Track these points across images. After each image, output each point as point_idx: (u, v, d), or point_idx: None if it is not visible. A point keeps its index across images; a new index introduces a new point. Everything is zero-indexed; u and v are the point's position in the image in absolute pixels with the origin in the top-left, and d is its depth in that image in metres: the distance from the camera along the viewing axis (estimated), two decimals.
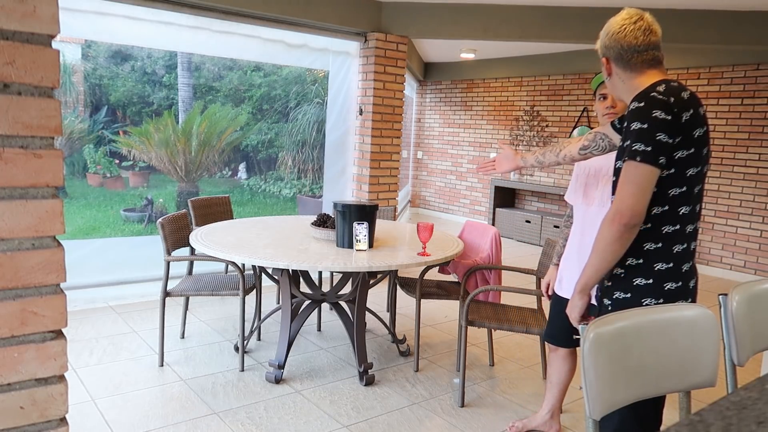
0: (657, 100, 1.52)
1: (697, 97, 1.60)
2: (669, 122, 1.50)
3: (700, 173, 1.59)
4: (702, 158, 1.57)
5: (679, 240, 1.59)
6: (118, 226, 8.63)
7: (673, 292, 1.60)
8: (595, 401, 1.25)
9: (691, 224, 1.62)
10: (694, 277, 1.66)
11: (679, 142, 1.52)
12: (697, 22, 4.85)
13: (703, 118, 1.58)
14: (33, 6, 0.80)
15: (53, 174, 0.85)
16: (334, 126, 5.42)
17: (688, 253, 1.62)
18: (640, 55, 1.65)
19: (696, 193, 1.61)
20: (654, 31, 1.67)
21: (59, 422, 0.89)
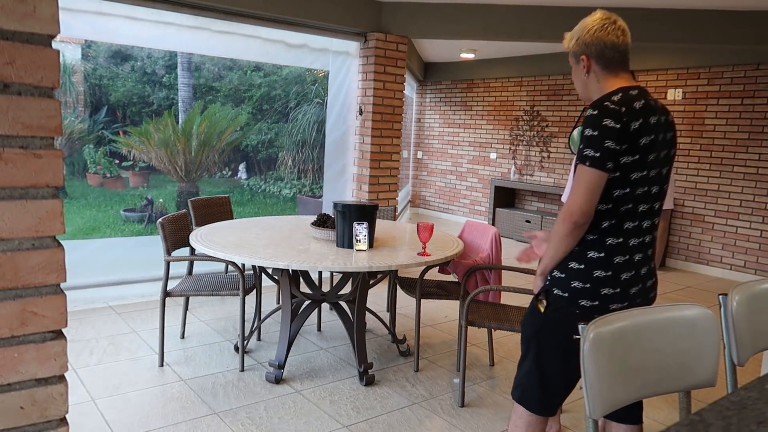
0: (609, 109, 1.63)
1: (653, 106, 1.70)
2: (618, 130, 1.61)
3: (645, 177, 1.69)
4: (648, 163, 1.68)
5: (613, 232, 1.71)
6: (118, 226, 8.63)
7: (597, 280, 1.72)
8: (595, 401, 1.25)
9: (630, 220, 1.71)
10: (628, 272, 1.74)
11: (626, 149, 1.63)
12: (697, 22, 4.85)
13: (655, 127, 1.67)
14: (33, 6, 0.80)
15: (53, 174, 0.85)
16: (334, 126, 5.42)
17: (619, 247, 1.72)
18: (620, 55, 1.74)
19: (640, 194, 1.70)
20: (628, 35, 1.76)
21: (59, 422, 0.89)
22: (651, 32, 4.97)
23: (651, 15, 4.91)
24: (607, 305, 1.73)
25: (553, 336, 1.82)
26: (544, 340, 1.85)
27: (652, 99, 1.73)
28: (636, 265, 1.75)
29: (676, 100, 6.47)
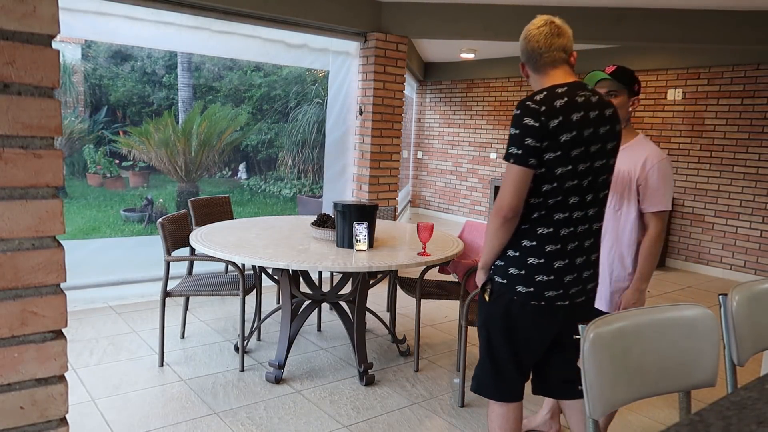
0: (529, 108, 1.73)
1: (579, 103, 1.75)
2: (536, 128, 1.70)
3: (573, 171, 1.76)
4: (573, 159, 1.74)
5: (552, 240, 1.80)
6: (118, 226, 8.63)
7: (540, 284, 1.81)
8: (595, 401, 1.25)
9: (566, 227, 1.80)
10: (570, 275, 1.83)
11: (547, 146, 1.72)
12: (697, 22, 4.85)
13: (578, 123, 1.73)
14: (33, 6, 0.80)
15: (53, 174, 0.85)
16: (334, 126, 5.42)
17: (561, 253, 1.81)
18: (542, 58, 1.85)
19: (569, 187, 1.77)
20: (559, 34, 1.86)
21: (59, 422, 0.89)
22: (651, 32, 4.97)
23: (651, 15, 4.91)
24: (542, 292, 1.82)
25: (498, 322, 1.90)
26: (491, 327, 1.93)
27: (586, 95, 1.78)
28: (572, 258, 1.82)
29: (676, 100, 6.47)
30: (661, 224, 2.17)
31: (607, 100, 1.86)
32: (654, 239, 2.17)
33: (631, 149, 2.22)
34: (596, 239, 1.90)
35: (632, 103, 2.23)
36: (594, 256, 1.90)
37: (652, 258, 2.18)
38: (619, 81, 2.20)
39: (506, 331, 1.89)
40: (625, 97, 2.20)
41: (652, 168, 2.14)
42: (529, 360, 1.96)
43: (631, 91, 2.21)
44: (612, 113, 1.83)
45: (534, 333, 1.90)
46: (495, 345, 1.94)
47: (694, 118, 6.35)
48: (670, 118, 6.53)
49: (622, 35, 5.04)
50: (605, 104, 1.83)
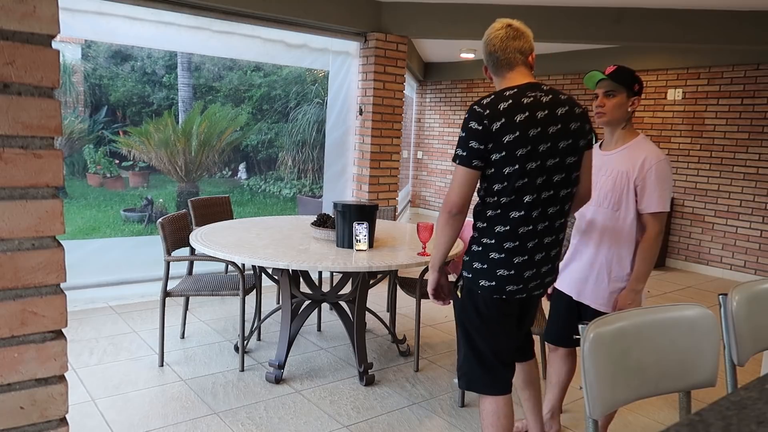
0: (475, 112, 1.81)
1: (522, 105, 1.80)
2: (478, 132, 1.79)
3: (520, 170, 1.81)
4: (518, 158, 1.79)
5: (510, 237, 1.86)
6: (118, 226, 8.63)
7: (501, 278, 1.89)
8: (595, 401, 1.25)
9: (524, 225, 1.86)
10: (530, 270, 1.90)
11: (492, 147, 1.79)
12: (697, 22, 4.85)
13: (522, 124, 1.79)
14: (33, 6, 0.80)
15: (53, 174, 0.85)
16: (334, 126, 5.42)
17: (521, 250, 1.87)
18: (499, 61, 1.92)
19: (520, 186, 1.82)
20: (516, 37, 1.92)
21: (59, 422, 0.89)
22: (651, 32, 4.97)
23: (651, 15, 4.91)
24: (504, 287, 1.89)
25: (471, 315, 1.97)
26: (467, 320, 2.00)
27: (536, 95, 1.83)
28: (532, 254, 1.89)
29: (676, 100, 6.47)
30: (658, 225, 2.16)
31: (566, 100, 1.90)
32: (651, 240, 2.17)
33: (631, 150, 2.21)
34: (557, 236, 1.95)
35: (632, 103, 2.21)
36: (554, 251, 1.96)
37: (649, 259, 2.18)
38: (616, 81, 2.20)
39: (482, 325, 1.96)
40: (624, 97, 2.20)
41: (650, 169, 2.13)
42: (506, 350, 2.01)
43: (631, 91, 2.20)
44: (566, 112, 1.86)
45: (503, 325, 1.97)
46: (474, 338, 1.99)
47: (694, 118, 6.35)
48: (670, 118, 6.53)
49: (622, 35, 5.04)
50: (559, 104, 1.86)
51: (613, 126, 2.27)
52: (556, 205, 1.90)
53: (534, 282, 1.93)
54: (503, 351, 2.00)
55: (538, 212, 1.86)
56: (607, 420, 2.49)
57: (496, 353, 1.98)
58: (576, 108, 1.90)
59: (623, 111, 2.21)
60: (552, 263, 1.97)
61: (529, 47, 1.93)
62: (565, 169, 1.87)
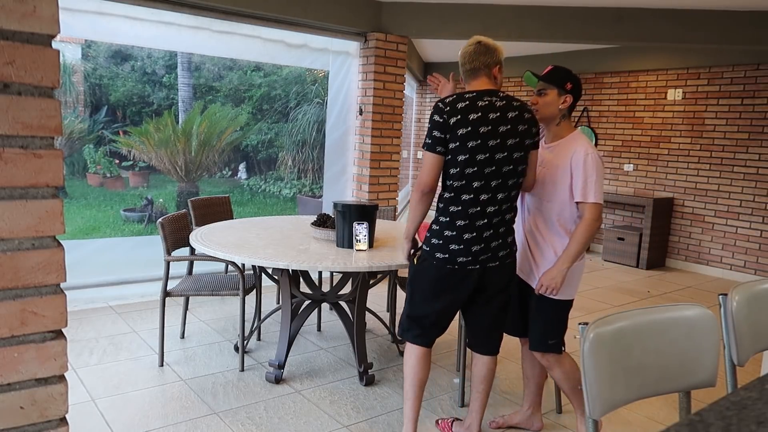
0: (438, 107, 2.19)
1: (477, 106, 2.15)
2: (440, 123, 2.17)
3: (470, 159, 2.15)
4: (470, 149, 2.14)
5: (460, 216, 2.20)
6: (118, 226, 8.63)
7: (453, 251, 2.21)
8: (595, 401, 1.25)
9: (473, 207, 2.18)
10: (478, 245, 2.21)
11: (449, 137, 2.16)
12: (697, 22, 4.85)
13: (475, 121, 2.13)
14: (33, 6, 0.80)
15: (53, 174, 0.85)
16: (334, 126, 5.42)
17: (470, 227, 2.20)
18: (466, 71, 2.29)
19: (470, 173, 2.16)
20: (483, 53, 2.25)
21: (59, 422, 0.89)
22: (651, 32, 4.97)
23: (651, 15, 4.91)
24: (455, 258, 2.22)
25: (421, 281, 2.31)
26: (415, 286, 2.34)
27: (491, 100, 2.17)
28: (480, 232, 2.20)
29: (676, 100, 6.47)
30: (590, 213, 2.26)
31: (517, 106, 2.20)
32: (585, 225, 2.26)
33: (564, 144, 2.34)
34: (503, 217, 2.24)
35: (563, 101, 2.33)
36: (502, 229, 2.25)
37: (578, 241, 2.27)
38: (546, 80, 2.34)
39: (428, 290, 2.30)
40: (554, 95, 2.33)
41: (578, 161, 2.25)
42: (444, 315, 2.34)
43: (563, 89, 2.32)
44: (516, 116, 2.18)
45: (453, 292, 2.28)
46: (416, 300, 2.34)
47: (694, 118, 6.35)
48: (670, 118, 6.53)
49: (622, 35, 5.04)
50: (510, 109, 2.18)
51: (547, 122, 2.40)
52: (505, 192, 2.21)
53: (484, 255, 2.22)
54: (440, 314, 2.33)
55: (488, 197, 2.19)
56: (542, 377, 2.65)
57: (433, 314, 2.32)
58: (526, 113, 2.22)
59: (554, 108, 2.34)
60: (502, 239, 2.25)
61: (494, 61, 2.25)
62: (513, 162, 2.19)
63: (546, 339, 2.40)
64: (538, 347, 2.44)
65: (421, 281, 2.32)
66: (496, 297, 2.34)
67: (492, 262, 2.25)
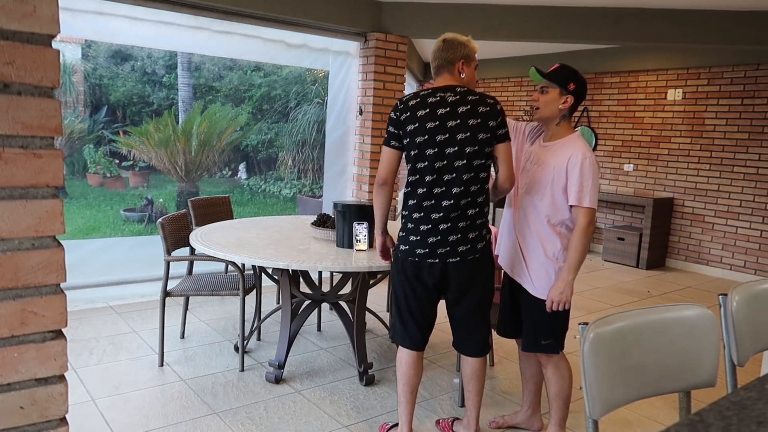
0: (395, 105, 2.29)
1: (427, 102, 2.20)
2: (393, 120, 2.27)
3: (421, 154, 2.21)
4: (418, 144, 2.21)
5: (416, 209, 2.25)
6: (118, 226, 8.63)
7: (412, 243, 2.26)
8: (595, 401, 1.25)
9: (427, 200, 2.22)
10: (434, 237, 2.22)
11: (402, 133, 2.25)
12: (697, 22, 4.85)
13: (423, 117, 2.19)
14: (33, 6, 0.80)
15: (53, 174, 0.85)
16: (334, 126, 5.42)
17: (425, 219, 2.24)
18: (432, 70, 2.33)
19: (421, 167, 2.22)
20: (445, 49, 2.27)
21: (59, 422, 0.89)
22: (651, 32, 4.97)
23: (651, 15, 4.91)
24: (414, 250, 2.26)
25: (399, 275, 2.34)
26: (396, 281, 2.37)
27: (443, 96, 2.20)
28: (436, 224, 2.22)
29: (676, 100, 6.47)
30: (583, 219, 2.22)
31: (472, 100, 2.20)
32: (579, 232, 2.23)
33: (561, 146, 2.30)
34: (464, 212, 2.23)
35: (564, 101, 2.28)
36: (462, 224, 2.23)
37: (576, 250, 2.24)
38: (550, 79, 2.31)
39: (401, 285, 2.33)
40: (556, 95, 2.29)
41: (575, 165, 2.21)
42: (418, 310, 2.34)
43: (565, 89, 2.28)
44: (467, 110, 2.18)
45: (418, 287, 2.30)
46: (398, 297, 2.37)
47: (694, 118, 6.35)
48: (670, 118, 6.53)
49: (622, 35, 5.04)
50: (462, 103, 2.19)
51: (547, 122, 2.36)
52: (461, 186, 2.21)
53: (442, 248, 2.23)
54: (416, 310, 2.34)
55: (441, 190, 2.22)
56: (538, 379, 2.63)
57: (410, 309, 2.34)
58: (481, 107, 2.20)
59: (554, 108, 2.30)
60: (461, 234, 2.24)
61: (457, 56, 2.26)
62: (466, 156, 2.19)
63: (538, 339, 2.38)
64: (530, 347, 2.42)
65: (393, 276, 2.37)
66: (465, 296, 2.33)
67: (452, 257, 2.24)
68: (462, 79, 2.28)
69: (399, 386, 2.43)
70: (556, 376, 2.42)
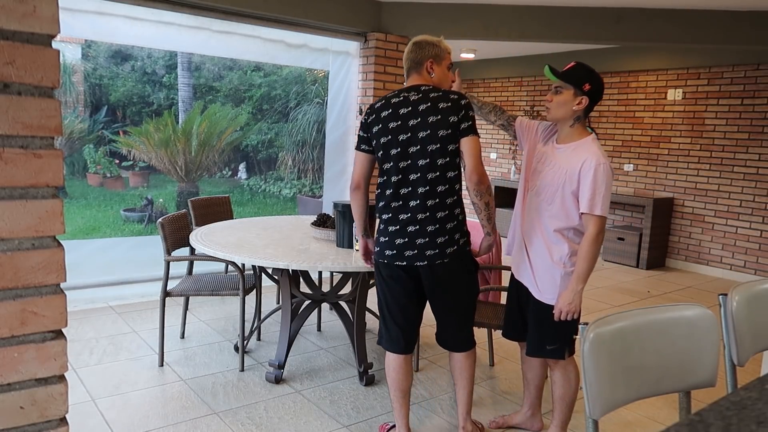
0: (365, 109, 2.31)
1: (390, 103, 2.21)
2: (363, 123, 2.30)
3: (386, 155, 2.22)
4: (381, 145, 2.22)
5: (384, 211, 2.26)
6: (118, 226, 8.63)
7: (382, 244, 2.28)
8: (595, 401, 1.25)
9: (395, 201, 2.22)
10: (402, 239, 2.22)
11: (369, 136, 2.28)
12: (697, 22, 4.85)
13: (386, 118, 2.20)
14: (33, 6, 0.80)
15: (53, 174, 0.85)
16: (334, 126, 5.42)
17: (393, 220, 2.23)
18: (404, 72, 2.33)
19: (387, 168, 2.23)
20: (413, 50, 2.28)
21: (59, 422, 0.89)
22: (651, 32, 4.97)
23: (651, 15, 4.91)
24: (384, 251, 2.27)
25: (378, 278, 2.36)
26: (377, 284, 2.39)
27: (406, 96, 2.19)
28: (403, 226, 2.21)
29: (676, 100, 6.47)
30: (594, 227, 2.15)
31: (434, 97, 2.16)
32: (589, 241, 2.16)
33: (575, 149, 2.22)
34: (432, 214, 2.19)
35: (579, 102, 2.19)
36: (431, 228, 2.19)
37: (585, 259, 2.17)
38: (564, 79, 2.21)
39: (380, 286, 2.36)
40: (570, 95, 2.20)
41: (588, 171, 2.13)
42: (397, 311, 2.34)
43: (579, 90, 2.19)
44: (427, 108, 2.15)
45: (391, 285, 2.30)
46: (379, 299, 2.39)
47: (694, 118, 6.34)
48: (670, 118, 6.53)
49: (622, 35, 5.04)
50: (424, 101, 2.17)
51: (560, 122, 2.27)
52: (426, 186, 2.18)
53: (410, 251, 2.21)
54: (394, 310, 2.34)
55: (408, 191, 2.20)
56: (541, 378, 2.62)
57: (389, 311, 2.35)
58: (441, 104, 2.15)
59: (567, 109, 2.20)
60: (429, 237, 2.20)
61: (425, 55, 2.25)
62: (429, 155, 2.16)
63: (544, 344, 2.33)
64: (534, 352, 2.38)
65: (378, 278, 2.37)
66: (438, 298, 2.31)
67: (419, 260, 2.21)
68: (431, 78, 2.25)
69: (390, 391, 2.43)
70: (563, 380, 2.39)
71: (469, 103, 2.18)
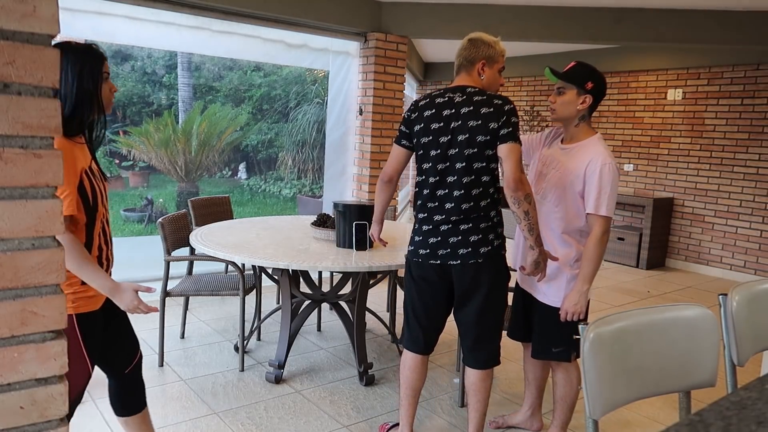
0: (409, 106, 2.28)
1: (435, 103, 2.17)
2: (405, 119, 2.27)
3: (426, 155, 2.20)
4: (422, 145, 2.20)
5: (421, 210, 2.25)
6: (118, 226, 8.63)
7: (416, 243, 2.26)
8: (595, 401, 1.25)
9: (431, 201, 2.20)
10: (435, 238, 2.20)
11: (410, 133, 2.25)
12: (697, 22, 4.85)
13: (429, 117, 2.17)
14: (33, 6, 0.80)
15: (53, 174, 0.85)
16: (334, 126, 5.42)
17: (428, 220, 2.22)
18: (455, 67, 2.25)
19: (425, 168, 2.21)
20: (466, 47, 2.20)
21: (59, 422, 0.89)
22: (651, 32, 4.97)
23: (651, 15, 4.91)
24: (417, 250, 2.25)
25: (407, 276, 2.34)
26: (406, 282, 2.37)
27: (450, 96, 2.15)
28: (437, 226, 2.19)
29: (676, 100, 6.47)
30: (599, 227, 2.14)
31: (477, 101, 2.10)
32: (594, 242, 2.15)
33: (581, 149, 2.21)
34: (466, 216, 2.16)
35: (582, 101, 2.18)
36: (464, 227, 2.17)
37: (590, 260, 2.16)
38: (565, 79, 2.21)
39: (408, 285, 2.33)
40: (573, 95, 2.19)
41: (594, 171, 2.13)
42: (422, 311, 2.31)
43: (582, 89, 2.18)
44: (469, 111, 2.10)
45: (423, 288, 2.28)
46: (405, 298, 2.37)
47: (694, 118, 6.35)
48: (670, 118, 6.53)
49: (622, 35, 5.04)
50: (466, 104, 2.11)
51: (565, 123, 2.27)
52: (461, 189, 2.16)
53: (443, 250, 2.19)
54: (419, 310, 2.32)
55: (444, 193, 2.18)
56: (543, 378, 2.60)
57: (414, 311, 2.33)
58: (483, 108, 2.09)
59: (572, 109, 2.20)
60: (462, 236, 2.17)
61: (479, 55, 2.17)
62: (466, 159, 2.13)
63: (549, 347, 2.33)
64: (539, 354, 2.38)
65: (407, 277, 2.35)
66: (468, 300, 2.22)
67: (452, 259, 2.18)
68: (481, 81, 2.18)
69: (401, 389, 2.40)
70: (565, 381, 2.38)
71: (513, 108, 2.11)
